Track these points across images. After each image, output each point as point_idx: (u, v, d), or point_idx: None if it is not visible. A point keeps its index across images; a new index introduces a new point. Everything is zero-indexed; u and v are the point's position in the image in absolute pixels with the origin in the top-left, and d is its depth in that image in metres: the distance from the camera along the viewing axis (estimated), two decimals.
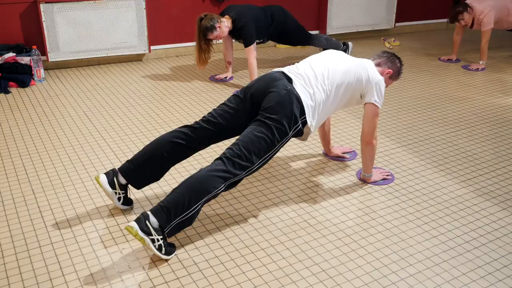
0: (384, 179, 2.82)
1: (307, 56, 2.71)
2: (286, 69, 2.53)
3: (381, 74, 2.66)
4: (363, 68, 2.57)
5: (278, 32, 4.35)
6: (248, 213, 2.51)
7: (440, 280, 2.08)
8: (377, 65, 2.69)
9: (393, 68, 2.72)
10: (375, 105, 2.56)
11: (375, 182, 2.78)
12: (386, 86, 2.74)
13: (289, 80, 2.44)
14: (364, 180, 2.80)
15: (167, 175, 2.70)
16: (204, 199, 2.12)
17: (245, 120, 2.40)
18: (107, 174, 2.37)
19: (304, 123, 2.41)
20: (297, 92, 2.38)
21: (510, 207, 2.60)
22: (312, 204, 2.60)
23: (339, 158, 3.05)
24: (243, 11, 4.05)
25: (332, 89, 2.49)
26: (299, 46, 5.22)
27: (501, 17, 4.79)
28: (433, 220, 2.48)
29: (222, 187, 2.18)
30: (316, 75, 2.48)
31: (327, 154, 3.08)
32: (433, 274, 2.12)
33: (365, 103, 2.59)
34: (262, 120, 2.32)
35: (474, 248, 2.28)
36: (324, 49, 4.85)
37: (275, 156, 3.05)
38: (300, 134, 2.44)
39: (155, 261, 2.14)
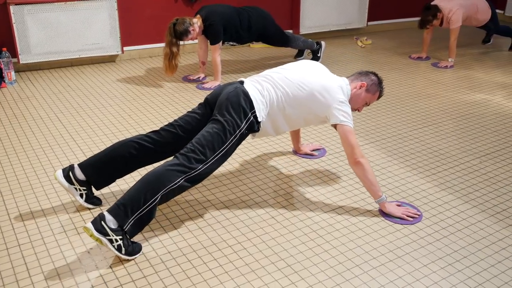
0: (404, 218, 2.50)
1: (280, 56, 2.77)
2: (246, 78, 2.61)
3: (354, 88, 2.59)
4: (325, 89, 2.49)
5: (256, 36, 4.40)
6: (215, 210, 2.54)
7: (401, 272, 2.14)
8: (351, 81, 2.64)
9: (367, 80, 2.62)
10: (343, 125, 2.48)
11: (391, 218, 2.50)
12: (368, 104, 2.69)
13: (241, 83, 2.53)
14: (382, 211, 2.54)
15: (130, 180, 2.73)
16: (161, 193, 2.15)
17: (206, 124, 2.44)
18: (63, 169, 2.42)
19: (256, 117, 2.43)
20: (244, 88, 2.45)
21: (472, 200, 2.68)
22: (280, 201, 2.64)
23: (308, 156, 3.09)
24: (213, 10, 4.10)
25: (286, 98, 2.47)
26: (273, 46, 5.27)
27: (470, 15, 4.90)
28: None
29: (179, 180, 2.20)
30: (273, 78, 2.52)
31: (297, 152, 3.13)
32: (395, 266, 2.18)
33: (334, 125, 2.52)
34: (213, 118, 2.40)
35: (436, 241, 2.35)
36: (299, 51, 4.94)
37: (242, 153, 3.09)
38: (254, 128, 2.44)
39: (122, 261, 2.16)
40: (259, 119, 2.45)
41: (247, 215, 2.51)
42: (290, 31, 5.42)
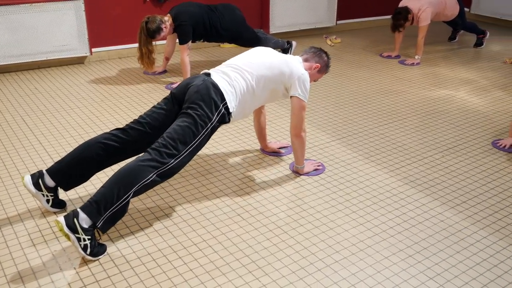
0: (315, 169, 2.92)
1: None
2: (211, 69, 2.62)
3: (309, 69, 2.78)
4: (286, 63, 2.67)
5: (228, 38, 4.40)
6: (182, 209, 2.56)
7: (363, 265, 2.19)
8: (305, 60, 2.81)
9: (321, 62, 2.84)
10: (300, 99, 2.67)
11: (307, 174, 2.88)
12: (316, 80, 2.91)
13: (208, 75, 2.55)
14: (297, 172, 2.89)
15: (102, 175, 2.72)
16: (133, 189, 2.16)
17: (173, 119, 2.45)
18: (32, 175, 2.38)
19: (227, 108, 2.48)
20: (213, 80, 2.48)
21: (433, 193, 2.75)
22: (246, 198, 2.67)
23: (275, 154, 3.13)
24: (183, 10, 4.11)
25: (253, 80, 2.58)
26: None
27: (438, 12, 5.01)
28: (361, 209, 2.59)
29: (152, 176, 2.22)
30: (237, 66, 2.59)
31: (264, 149, 3.16)
32: (357, 259, 2.22)
33: (291, 97, 2.69)
34: (184, 111, 2.41)
35: (397, 233, 2.41)
36: None
37: (209, 151, 3.11)
38: (225, 120, 2.50)
39: (86, 261, 2.16)
40: (231, 110, 2.48)
41: (213, 213, 2.53)
42: (261, 30, 5.45)
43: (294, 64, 2.70)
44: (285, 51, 4.89)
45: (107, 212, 2.11)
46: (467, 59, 5.17)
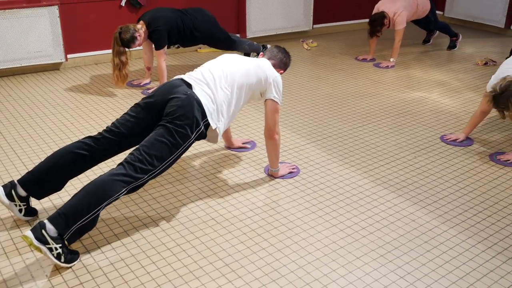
0: (290, 172, 2.95)
1: None
2: (186, 76, 2.61)
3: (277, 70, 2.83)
4: (260, 67, 2.70)
5: (202, 40, 4.44)
6: (156, 215, 2.56)
7: (335, 265, 2.22)
8: (272, 65, 2.82)
9: (284, 67, 2.95)
10: (275, 101, 2.70)
11: (282, 176, 2.91)
12: None
13: (189, 85, 2.51)
14: (272, 175, 2.92)
15: (72, 184, 2.71)
16: (105, 203, 2.15)
17: (148, 128, 2.43)
18: (4, 186, 2.36)
19: (207, 125, 2.49)
20: (197, 96, 2.45)
21: (405, 193, 2.80)
22: (221, 202, 2.68)
23: (241, 149, 3.23)
24: (157, 15, 4.12)
25: (233, 90, 2.59)
26: (221, 50, 5.33)
27: (412, 12, 5.10)
28: (334, 210, 2.63)
29: (124, 191, 2.21)
30: (215, 78, 2.57)
31: (230, 147, 3.24)
32: (329, 260, 2.25)
33: (265, 100, 2.72)
34: (164, 124, 2.37)
35: (369, 234, 2.44)
36: (245, 54, 5.01)
37: (184, 156, 3.11)
38: (203, 136, 2.52)
39: (59, 269, 2.15)
40: (213, 127, 2.49)
41: (187, 218, 2.54)
42: (238, 35, 5.49)
43: (267, 67, 2.73)
44: None
45: (75, 225, 2.09)
46: (441, 61, 5.27)
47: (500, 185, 2.90)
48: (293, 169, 2.98)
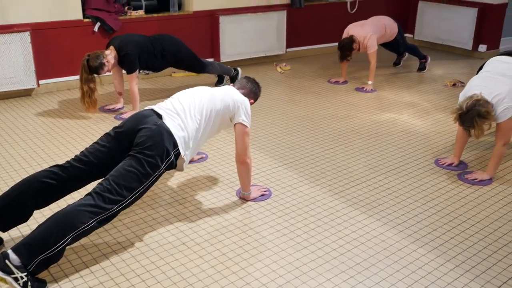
0: (262, 195, 2.96)
1: (201, 84, 2.87)
2: (156, 106, 2.63)
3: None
4: (227, 94, 2.74)
5: (170, 62, 4.51)
6: (126, 241, 2.53)
7: None
8: (242, 94, 2.84)
9: (254, 97, 2.99)
10: (244, 124, 2.72)
11: (254, 199, 2.92)
12: None
13: (159, 116, 2.53)
14: (244, 198, 2.92)
15: (41, 212, 2.67)
16: (71, 235, 2.11)
17: (117, 157, 2.41)
18: None
19: (177, 155, 2.50)
20: (167, 126, 2.46)
21: (375, 214, 2.83)
22: (192, 226, 2.67)
23: (196, 161, 3.41)
24: (126, 39, 4.17)
25: (202, 118, 2.61)
26: (194, 75, 5.38)
27: (381, 35, 5.22)
28: (305, 232, 2.64)
29: (92, 222, 2.18)
30: (184, 108, 2.59)
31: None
32: (300, 282, 2.25)
33: (235, 124, 2.74)
34: (133, 154, 2.36)
35: (340, 255, 2.46)
36: (219, 78, 5.07)
37: (159, 182, 3.10)
38: (173, 166, 2.52)
39: None
40: (182, 155, 2.49)
41: (158, 243, 2.52)
42: (211, 59, 5.54)
43: (234, 93, 2.77)
44: (232, 78, 5.01)
45: (40, 256, 2.06)
46: (411, 83, 5.39)
47: (467, 204, 2.96)
48: (265, 191, 3.00)
